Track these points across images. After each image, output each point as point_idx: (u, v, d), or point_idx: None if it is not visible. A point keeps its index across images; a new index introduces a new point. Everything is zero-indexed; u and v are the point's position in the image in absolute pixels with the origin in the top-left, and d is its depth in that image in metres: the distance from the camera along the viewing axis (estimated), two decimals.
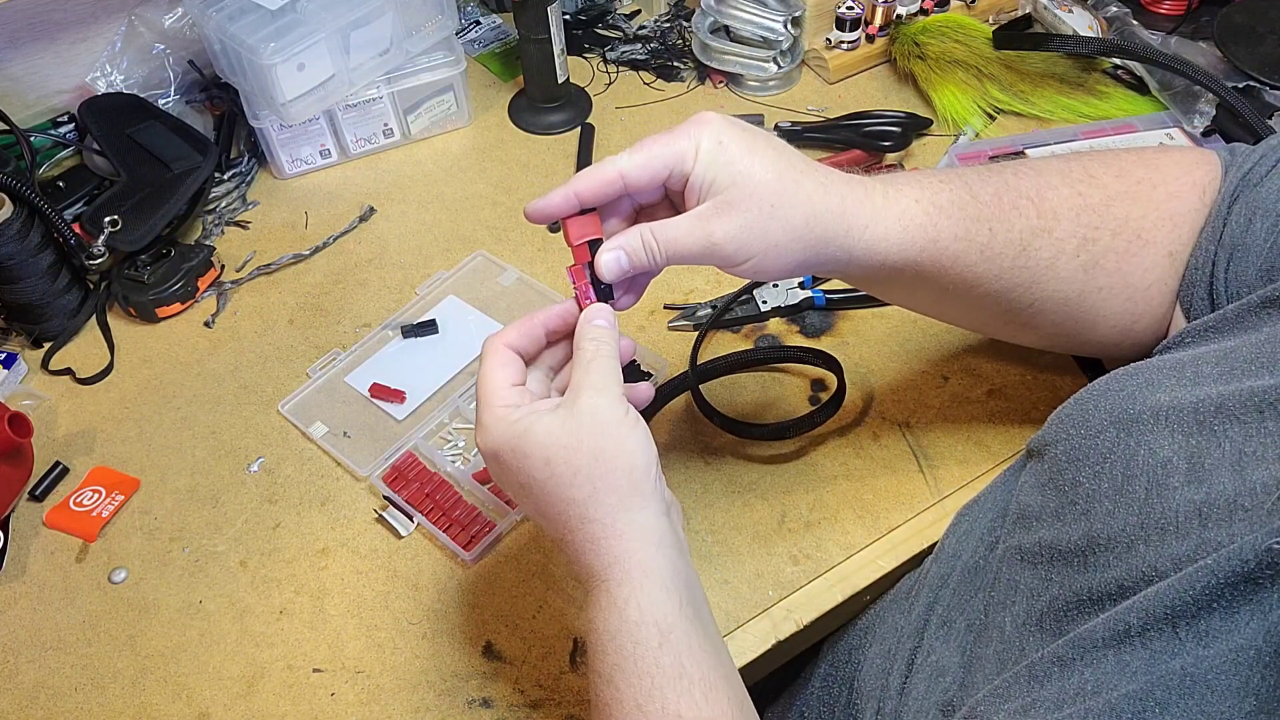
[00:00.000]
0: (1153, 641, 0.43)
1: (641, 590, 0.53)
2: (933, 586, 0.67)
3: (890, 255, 0.60)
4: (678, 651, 0.52)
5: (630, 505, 0.54)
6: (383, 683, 0.69)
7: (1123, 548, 0.49)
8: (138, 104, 1.03)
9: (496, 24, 1.21)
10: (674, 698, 0.50)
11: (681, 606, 0.53)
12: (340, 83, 0.98)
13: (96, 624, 0.73)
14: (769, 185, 0.56)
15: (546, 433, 0.54)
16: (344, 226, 0.99)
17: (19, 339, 0.92)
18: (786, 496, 0.76)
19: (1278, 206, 0.59)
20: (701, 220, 0.56)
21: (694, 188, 0.56)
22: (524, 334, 0.59)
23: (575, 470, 0.53)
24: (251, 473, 0.81)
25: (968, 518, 0.69)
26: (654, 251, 0.57)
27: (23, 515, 0.80)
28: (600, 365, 0.55)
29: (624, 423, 0.54)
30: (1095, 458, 0.53)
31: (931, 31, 1.05)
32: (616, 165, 0.56)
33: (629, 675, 0.51)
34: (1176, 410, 0.51)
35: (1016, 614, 0.55)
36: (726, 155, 0.56)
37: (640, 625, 0.52)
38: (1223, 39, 1.00)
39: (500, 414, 0.55)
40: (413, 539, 0.76)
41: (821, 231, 0.57)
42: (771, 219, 0.56)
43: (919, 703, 0.62)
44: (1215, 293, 0.61)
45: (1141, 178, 0.64)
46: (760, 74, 1.07)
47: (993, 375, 0.82)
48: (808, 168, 0.58)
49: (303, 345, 0.90)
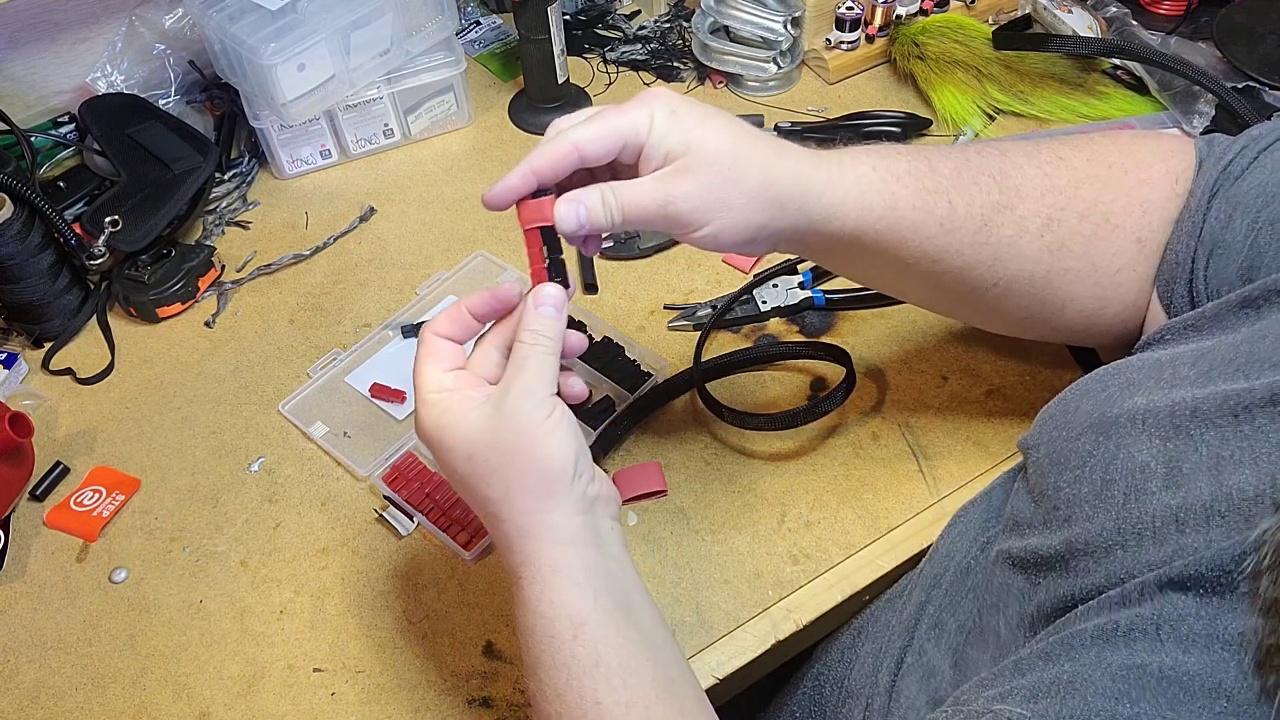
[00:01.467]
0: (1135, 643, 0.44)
1: (552, 587, 0.54)
2: (925, 586, 0.67)
3: (848, 222, 0.59)
4: (593, 641, 0.53)
5: (542, 507, 0.54)
6: (383, 682, 0.69)
7: (1102, 552, 0.49)
8: (138, 104, 1.03)
9: (496, 24, 1.21)
10: (591, 685, 0.52)
11: (596, 598, 0.54)
12: (340, 83, 0.98)
13: (97, 624, 0.73)
14: (725, 150, 0.56)
15: (470, 427, 0.55)
16: (344, 226, 0.99)
17: (19, 339, 0.92)
18: (786, 496, 0.76)
19: (1256, 203, 0.58)
20: (660, 181, 0.56)
21: (649, 157, 0.57)
22: (452, 320, 0.59)
23: (492, 470, 0.54)
24: (252, 472, 0.81)
25: (963, 518, 0.69)
26: (612, 209, 0.57)
27: (23, 515, 0.80)
28: (534, 363, 0.55)
29: (544, 425, 0.54)
30: (1075, 462, 0.53)
31: (931, 32, 1.05)
32: (571, 138, 0.56)
33: (548, 667, 0.53)
34: (1153, 413, 0.50)
35: (1010, 617, 0.55)
36: (681, 124, 0.56)
37: (554, 620, 0.53)
38: (1222, 39, 1.00)
39: (429, 401, 0.56)
40: (413, 539, 0.76)
41: (777, 193, 0.57)
42: (728, 183, 0.56)
43: (909, 701, 0.62)
44: (1195, 290, 0.60)
45: (1113, 162, 0.64)
46: (760, 74, 1.07)
47: (992, 375, 0.82)
48: (761, 136, 0.59)
49: (303, 345, 0.90)
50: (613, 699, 0.52)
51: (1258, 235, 0.57)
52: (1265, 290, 0.53)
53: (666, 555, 0.74)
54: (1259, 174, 0.59)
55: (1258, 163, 0.60)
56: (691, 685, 0.56)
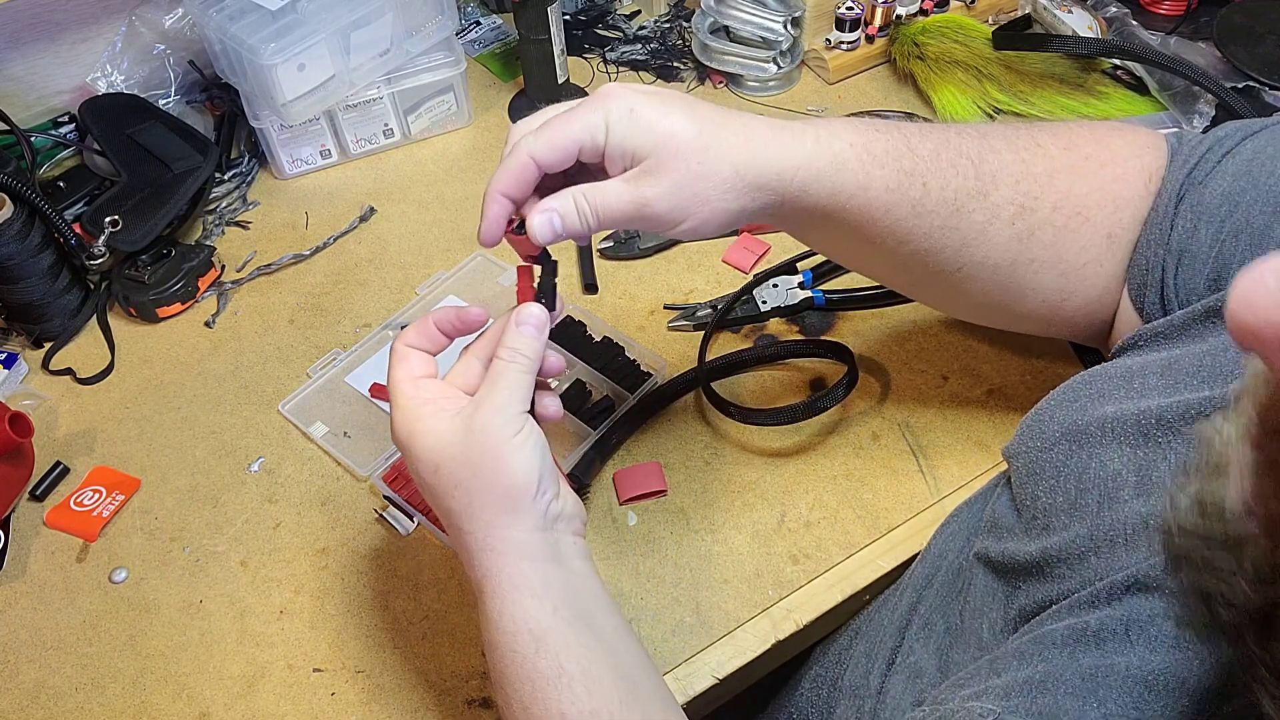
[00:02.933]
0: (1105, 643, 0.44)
1: (512, 602, 0.55)
2: (917, 586, 0.67)
3: (821, 199, 0.58)
4: (554, 653, 0.53)
5: (503, 523, 0.55)
6: (383, 683, 0.69)
7: (1077, 559, 0.50)
8: (138, 104, 1.03)
9: (496, 24, 1.21)
10: (555, 697, 0.53)
11: (555, 610, 0.54)
12: (340, 83, 0.98)
13: (97, 624, 0.73)
14: (693, 143, 0.55)
15: (439, 438, 0.55)
16: (344, 226, 0.99)
17: (19, 339, 0.92)
18: (786, 496, 0.76)
19: (1220, 212, 0.58)
20: (632, 183, 0.56)
21: (613, 158, 0.56)
22: (420, 333, 0.61)
23: (456, 483, 0.55)
24: (252, 473, 0.81)
25: (956, 519, 0.69)
26: (586, 214, 0.56)
27: (23, 515, 0.80)
28: (508, 380, 0.56)
29: (511, 442, 0.54)
30: (1050, 471, 0.54)
31: (931, 32, 1.05)
32: (526, 150, 0.56)
33: (513, 680, 0.54)
34: (1122, 422, 0.51)
35: (993, 620, 0.56)
36: (642, 122, 0.55)
37: (515, 635, 0.54)
38: (1222, 39, 1.00)
39: (402, 407, 0.57)
40: (413, 539, 0.76)
41: (752, 179, 0.56)
42: (700, 177, 0.55)
43: (895, 701, 0.62)
44: (1166, 298, 0.60)
45: (1090, 154, 0.63)
46: (760, 74, 1.07)
47: (992, 375, 0.82)
48: (726, 119, 0.57)
49: (303, 345, 0.90)
50: (576, 708, 0.52)
51: (1222, 246, 0.57)
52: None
53: (666, 555, 0.74)
54: (1222, 180, 0.59)
55: (1221, 167, 0.59)
56: (656, 688, 0.57)
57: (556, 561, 0.56)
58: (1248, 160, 0.58)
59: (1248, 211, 0.56)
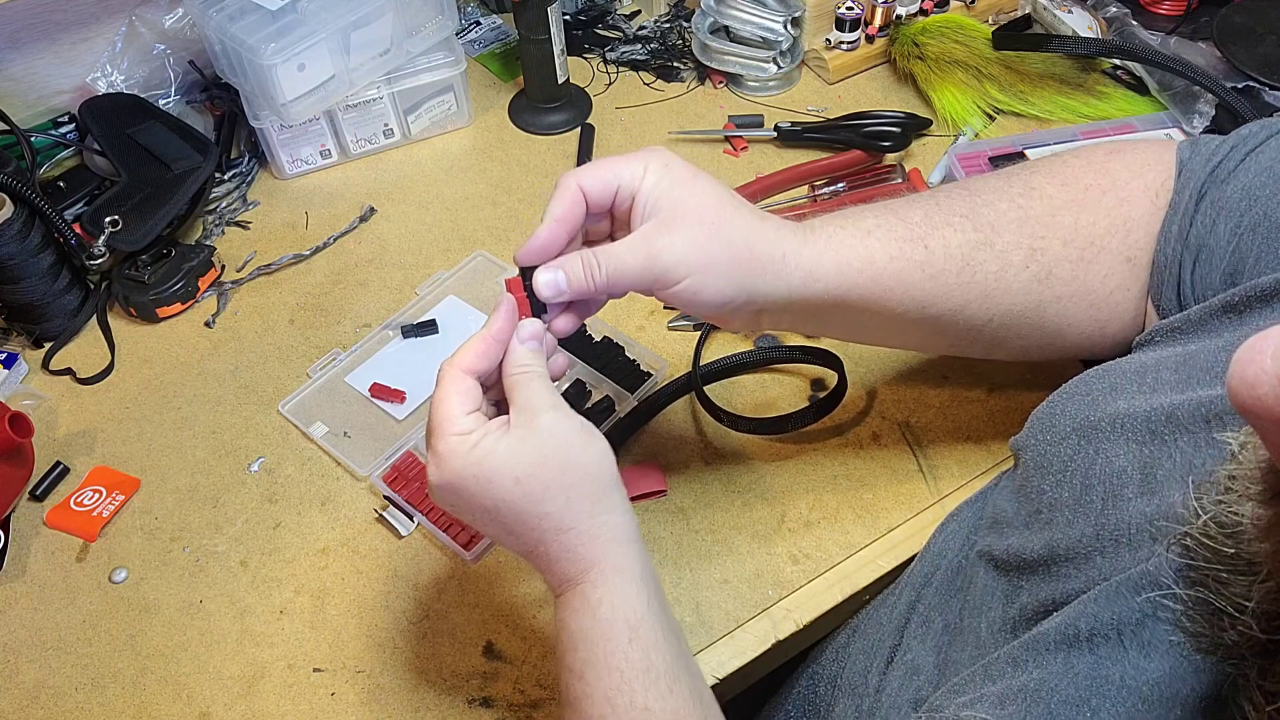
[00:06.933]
0: (1099, 648, 0.44)
1: (615, 589, 0.55)
2: (916, 585, 0.68)
3: (828, 282, 0.61)
4: (645, 646, 0.54)
5: (603, 508, 0.56)
6: (383, 683, 0.69)
7: (1081, 558, 0.49)
8: (138, 104, 1.03)
9: (496, 24, 1.21)
10: (642, 690, 0.53)
11: (649, 602, 0.55)
12: (340, 83, 0.98)
13: (97, 624, 0.73)
14: (710, 207, 0.58)
15: (509, 453, 0.55)
16: (344, 226, 0.99)
17: (19, 339, 0.92)
18: (786, 496, 0.76)
19: (1240, 207, 0.58)
20: (644, 236, 0.58)
21: (639, 207, 0.59)
22: (482, 356, 0.57)
23: (546, 485, 0.55)
24: (252, 473, 0.81)
25: (956, 518, 0.69)
26: (593, 269, 0.58)
27: (23, 515, 0.80)
28: (538, 385, 0.57)
29: (582, 434, 0.56)
30: (1058, 466, 0.54)
31: (931, 32, 1.05)
32: (575, 179, 0.59)
33: (599, 670, 0.54)
34: (1132, 419, 0.51)
35: (992, 619, 0.56)
36: (672, 177, 0.58)
37: (611, 623, 0.54)
38: (1222, 39, 1.00)
39: (454, 443, 0.55)
40: (413, 539, 0.76)
41: (758, 255, 0.59)
42: (712, 238, 0.58)
43: (892, 699, 0.62)
44: (1183, 294, 0.61)
45: (1089, 184, 0.64)
46: (760, 74, 1.07)
47: (993, 375, 0.82)
48: (745, 202, 0.61)
49: (303, 345, 0.90)
50: (661, 705, 0.53)
51: (1240, 240, 0.57)
52: (1246, 295, 0.53)
53: (666, 555, 0.74)
54: (1244, 177, 0.59)
55: (1244, 165, 0.60)
56: (713, 699, 0.57)
57: (643, 543, 0.58)
58: (1271, 157, 0.59)
59: (1266, 205, 0.56)
